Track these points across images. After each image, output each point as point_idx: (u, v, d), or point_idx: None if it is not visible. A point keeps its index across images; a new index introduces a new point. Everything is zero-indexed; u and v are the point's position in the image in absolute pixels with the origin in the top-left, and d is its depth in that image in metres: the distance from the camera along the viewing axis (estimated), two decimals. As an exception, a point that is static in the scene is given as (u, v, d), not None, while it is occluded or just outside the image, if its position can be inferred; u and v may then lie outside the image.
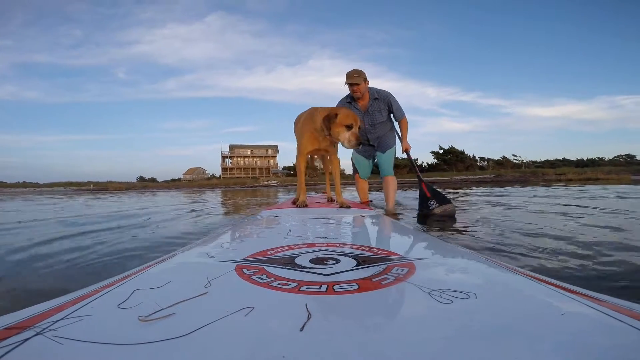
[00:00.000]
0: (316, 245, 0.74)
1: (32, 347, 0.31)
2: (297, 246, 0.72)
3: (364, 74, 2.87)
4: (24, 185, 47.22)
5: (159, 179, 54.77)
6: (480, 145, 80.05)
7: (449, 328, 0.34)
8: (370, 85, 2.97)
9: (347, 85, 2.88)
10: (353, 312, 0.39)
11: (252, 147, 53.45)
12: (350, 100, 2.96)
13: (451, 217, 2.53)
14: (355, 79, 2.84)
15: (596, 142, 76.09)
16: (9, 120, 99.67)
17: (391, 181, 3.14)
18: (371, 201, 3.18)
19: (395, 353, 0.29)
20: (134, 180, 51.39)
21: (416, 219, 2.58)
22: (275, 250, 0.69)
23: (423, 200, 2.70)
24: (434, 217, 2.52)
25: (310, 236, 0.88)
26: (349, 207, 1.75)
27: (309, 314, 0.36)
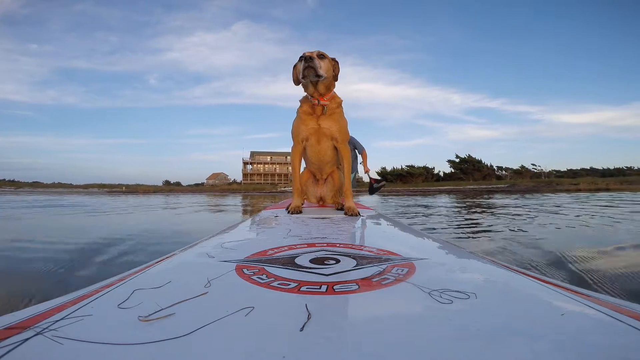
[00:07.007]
0: (316, 245, 0.74)
1: (32, 347, 0.31)
2: (297, 246, 0.72)
3: None
4: (60, 185, 48.16)
5: (184, 183, 56.74)
6: (507, 153, 77.46)
7: (449, 328, 0.34)
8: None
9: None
10: (353, 312, 0.39)
11: (272, 154, 55.01)
12: None
13: (382, 188, 4.81)
14: None
15: (634, 149, 71.13)
16: (49, 123, 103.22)
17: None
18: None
19: (396, 353, 0.29)
20: (160, 184, 53.22)
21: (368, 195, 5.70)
22: (275, 250, 0.69)
23: (370, 186, 4.71)
24: (377, 190, 4.70)
25: (310, 236, 0.88)
26: (358, 214, 1.44)
27: (309, 314, 0.36)
